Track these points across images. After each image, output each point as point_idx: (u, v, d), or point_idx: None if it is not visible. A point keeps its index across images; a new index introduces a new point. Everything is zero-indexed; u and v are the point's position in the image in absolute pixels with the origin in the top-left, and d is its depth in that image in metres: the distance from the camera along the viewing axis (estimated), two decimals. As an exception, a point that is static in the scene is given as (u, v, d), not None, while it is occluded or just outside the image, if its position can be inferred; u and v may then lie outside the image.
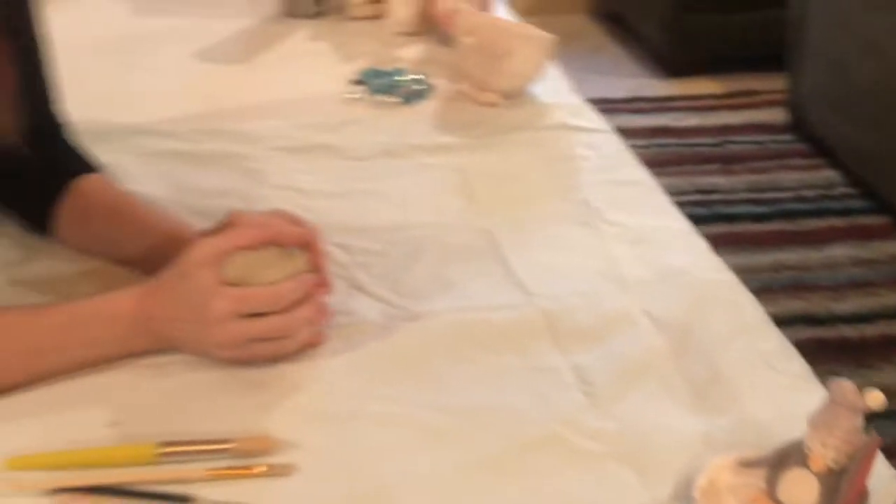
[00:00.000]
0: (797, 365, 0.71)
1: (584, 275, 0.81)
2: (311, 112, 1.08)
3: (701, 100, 2.82)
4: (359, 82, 1.15)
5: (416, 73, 1.17)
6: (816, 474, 0.55)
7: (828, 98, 2.41)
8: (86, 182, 0.81)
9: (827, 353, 1.79)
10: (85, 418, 0.64)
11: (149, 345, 0.68)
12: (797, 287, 1.98)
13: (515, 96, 1.12)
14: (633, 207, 0.91)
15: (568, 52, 3.37)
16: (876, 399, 0.54)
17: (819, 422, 0.55)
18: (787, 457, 0.57)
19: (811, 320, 1.88)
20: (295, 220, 0.74)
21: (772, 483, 0.58)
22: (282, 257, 0.69)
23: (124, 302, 0.67)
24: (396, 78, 1.15)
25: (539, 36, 1.09)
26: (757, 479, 0.59)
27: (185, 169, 0.95)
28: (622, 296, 0.78)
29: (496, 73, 1.08)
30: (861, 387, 0.54)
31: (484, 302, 0.77)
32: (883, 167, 2.22)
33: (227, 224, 0.72)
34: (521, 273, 0.81)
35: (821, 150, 2.51)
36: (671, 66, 2.98)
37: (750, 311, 0.77)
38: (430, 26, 1.30)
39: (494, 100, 1.10)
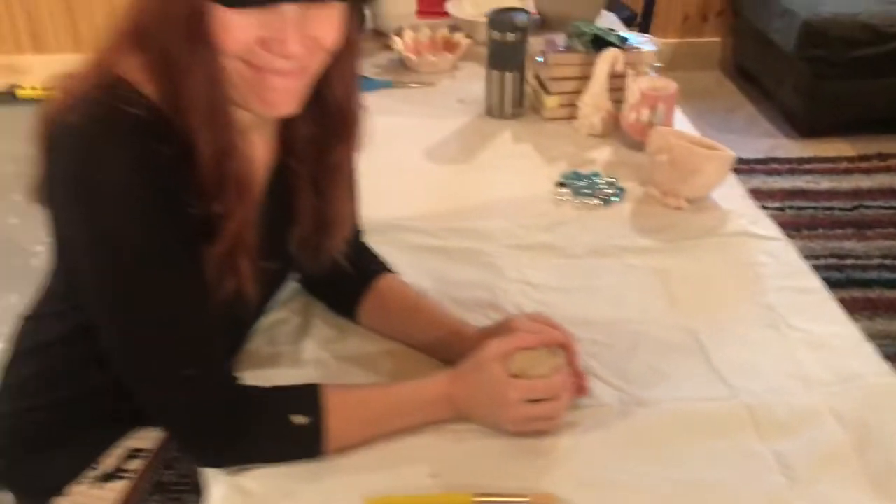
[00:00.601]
0: (961, 463, 0.88)
1: (776, 374, 1.00)
2: (528, 212, 1.31)
3: (834, 162, 2.93)
4: (562, 184, 1.38)
5: (609, 177, 1.39)
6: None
7: (965, 170, 2.50)
8: (383, 281, 1.07)
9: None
10: (412, 471, 0.88)
11: (450, 417, 0.92)
12: (932, 357, 2.09)
13: (699, 201, 1.32)
14: (811, 314, 1.09)
15: (704, 110, 3.53)
16: None
17: None
18: (958, 543, 0.76)
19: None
20: (553, 324, 0.96)
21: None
22: (549, 355, 0.92)
23: (437, 386, 0.91)
24: (594, 181, 1.37)
25: (723, 155, 1.29)
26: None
27: (439, 262, 1.19)
28: (809, 394, 0.97)
29: (685, 184, 1.29)
30: None
31: (695, 394, 0.98)
32: None
33: (504, 326, 0.95)
34: (722, 369, 1.01)
35: (956, 217, 2.60)
36: (805, 127, 3.10)
37: (917, 413, 0.95)
38: (615, 130, 1.52)
39: (681, 204, 1.31)
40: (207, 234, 0.82)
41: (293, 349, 1.03)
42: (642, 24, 2.90)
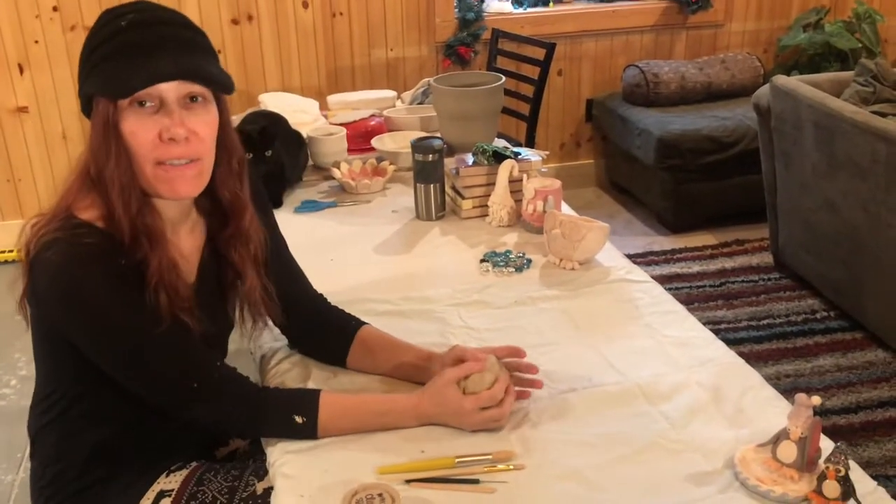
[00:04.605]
0: (784, 404, 1.28)
1: (656, 363, 1.39)
2: (461, 281, 1.69)
3: (701, 250, 3.47)
4: (484, 260, 1.77)
5: (518, 252, 1.80)
6: (794, 441, 1.12)
7: (802, 245, 3.05)
8: (362, 332, 1.41)
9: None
10: (404, 450, 1.20)
11: (415, 425, 1.25)
12: (795, 390, 2.52)
13: (586, 263, 1.74)
14: (676, 327, 1.50)
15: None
16: (816, 400, 1.11)
17: (792, 415, 1.13)
18: (780, 436, 1.14)
19: (810, 417, 2.42)
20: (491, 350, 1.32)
21: (773, 451, 1.14)
22: (488, 373, 1.27)
23: (407, 401, 1.25)
24: (508, 256, 1.78)
25: (600, 226, 1.72)
26: (767, 453, 1.15)
27: (401, 320, 1.54)
28: (679, 373, 1.36)
29: (574, 251, 1.70)
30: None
31: (601, 382, 1.35)
32: (852, 295, 2.83)
33: (454, 353, 1.31)
34: (617, 365, 1.39)
35: (803, 284, 3.13)
36: (673, 225, 3.65)
37: (752, 377, 1.35)
38: (518, 221, 1.94)
39: (574, 266, 1.72)
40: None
41: (302, 388, 1.35)
42: (528, 151, 3.43)
